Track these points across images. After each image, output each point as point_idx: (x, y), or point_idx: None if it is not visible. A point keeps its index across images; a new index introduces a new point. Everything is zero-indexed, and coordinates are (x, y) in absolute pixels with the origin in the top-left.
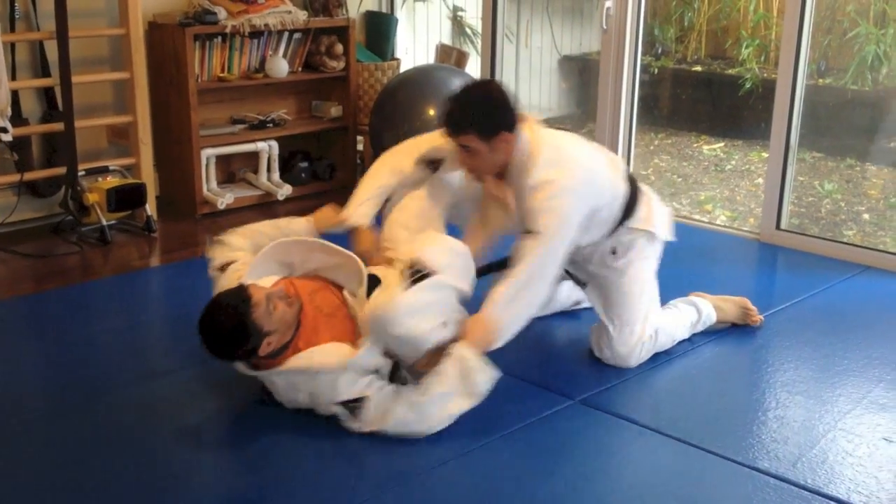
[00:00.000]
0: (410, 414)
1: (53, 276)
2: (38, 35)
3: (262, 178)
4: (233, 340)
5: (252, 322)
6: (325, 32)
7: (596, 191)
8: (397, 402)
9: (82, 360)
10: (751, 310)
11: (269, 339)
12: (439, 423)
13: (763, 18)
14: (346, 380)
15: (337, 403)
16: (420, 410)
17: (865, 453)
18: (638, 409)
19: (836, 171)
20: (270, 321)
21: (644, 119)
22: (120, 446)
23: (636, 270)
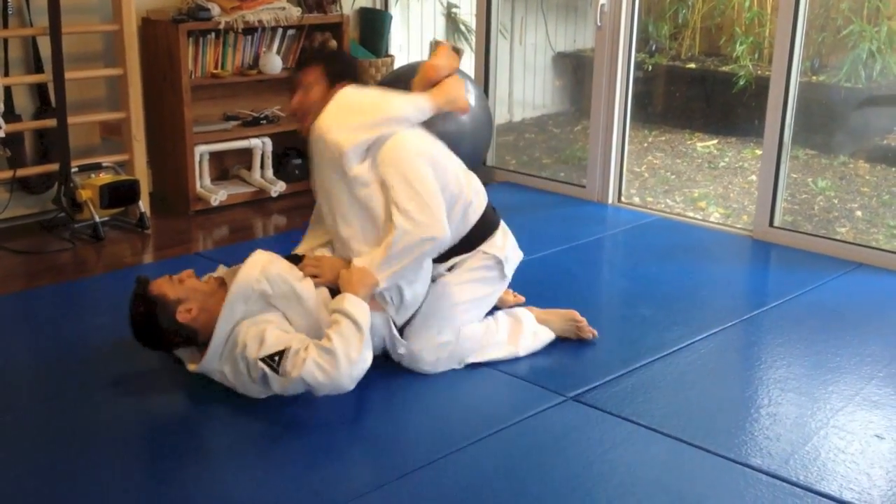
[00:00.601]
0: (328, 358)
1: (46, 272)
2: (31, 31)
3: (255, 174)
4: (146, 316)
5: (152, 292)
6: (318, 29)
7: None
8: (314, 348)
9: (75, 356)
10: (579, 321)
11: (184, 307)
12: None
13: (757, 16)
14: (270, 336)
15: (262, 359)
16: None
17: (858, 450)
18: (631, 405)
19: (829, 168)
20: (176, 290)
21: (638, 116)
22: (113, 443)
23: (462, 289)
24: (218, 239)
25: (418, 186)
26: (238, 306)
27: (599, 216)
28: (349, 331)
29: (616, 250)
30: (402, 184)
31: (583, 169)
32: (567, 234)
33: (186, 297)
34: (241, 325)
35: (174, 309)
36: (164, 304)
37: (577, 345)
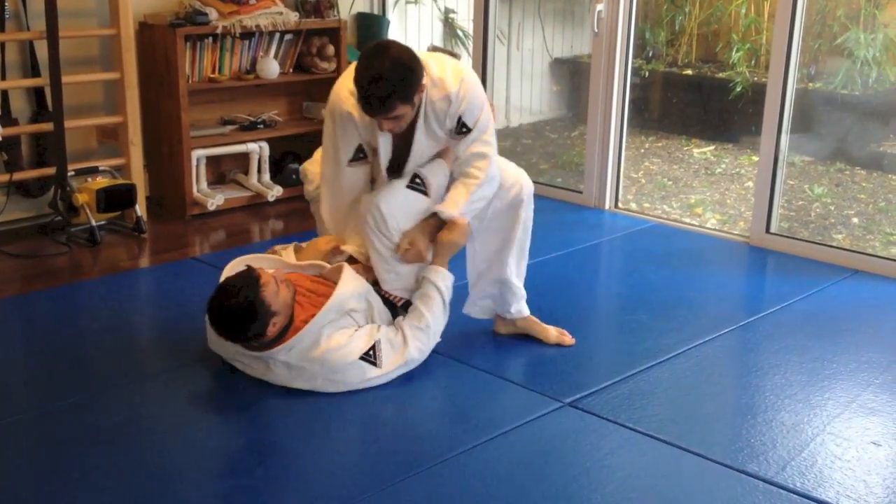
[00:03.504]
0: (423, 337)
1: (42, 276)
2: (29, 35)
3: (252, 179)
4: (244, 320)
5: (261, 301)
6: (316, 34)
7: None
8: (405, 336)
9: (71, 360)
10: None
11: (274, 320)
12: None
13: (754, 22)
14: (355, 337)
15: (361, 357)
16: (426, 332)
17: (854, 457)
18: (627, 412)
19: (825, 174)
20: (277, 301)
21: (635, 122)
22: (109, 447)
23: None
24: (215, 243)
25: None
26: (329, 316)
27: (596, 222)
28: (439, 308)
29: (613, 256)
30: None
31: (580, 174)
32: (564, 240)
33: (279, 311)
34: (324, 332)
35: (268, 322)
36: (264, 315)
37: (574, 351)
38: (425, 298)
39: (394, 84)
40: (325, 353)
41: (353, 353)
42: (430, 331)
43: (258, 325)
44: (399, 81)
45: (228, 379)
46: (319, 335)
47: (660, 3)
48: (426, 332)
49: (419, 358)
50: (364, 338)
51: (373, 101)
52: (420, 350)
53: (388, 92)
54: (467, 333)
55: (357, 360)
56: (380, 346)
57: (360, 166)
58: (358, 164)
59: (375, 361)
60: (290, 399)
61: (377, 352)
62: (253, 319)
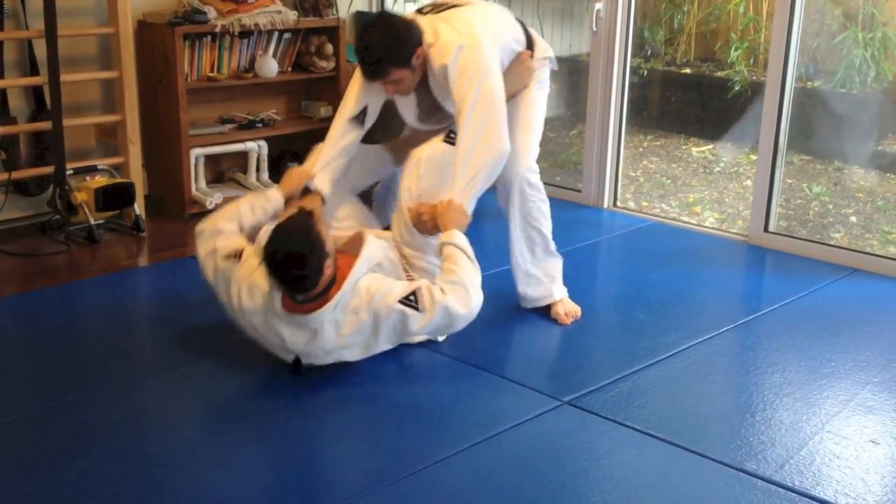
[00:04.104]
0: (459, 290)
1: (41, 275)
2: (27, 34)
3: (251, 177)
4: (307, 255)
5: (319, 236)
6: (315, 32)
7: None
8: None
9: (69, 359)
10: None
11: (328, 262)
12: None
13: (752, 21)
14: (395, 284)
15: (401, 301)
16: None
17: (853, 455)
18: (626, 410)
19: (824, 173)
20: (329, 242)
21: (633, 121)
22: (107, 446)
23: (534, 98)
24: None
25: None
26: (363, 269)
27: (595, 220)
28: (464, 261)
29: (611, 255)
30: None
31: (578, 173)
32: (562, 239)
33: (330, 252)
34: (361, 280)
35: (324, 263)
36: (321, 251)
37: (572, 349)
38: (447, 259)
39: (383, 50)
40: (370, 300)
41: (395, 295)
42: (466, 284)
43: (317, 263)
44: (388, 48)
45: (227, 378)
46: (360, 286)
47: (658, 2)
48: (461, 284)
49: (464, 312)
50: (402, 285)
51: (367, 68)
52: (460, 302)
53: (377, 57)
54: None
55: (398, 304)
56: (420, 292)
57: (354, 128)
58: (354, 125)
59: (417, 306)
60: (286, 399)
61: (419, 297)
62: (315, 255)
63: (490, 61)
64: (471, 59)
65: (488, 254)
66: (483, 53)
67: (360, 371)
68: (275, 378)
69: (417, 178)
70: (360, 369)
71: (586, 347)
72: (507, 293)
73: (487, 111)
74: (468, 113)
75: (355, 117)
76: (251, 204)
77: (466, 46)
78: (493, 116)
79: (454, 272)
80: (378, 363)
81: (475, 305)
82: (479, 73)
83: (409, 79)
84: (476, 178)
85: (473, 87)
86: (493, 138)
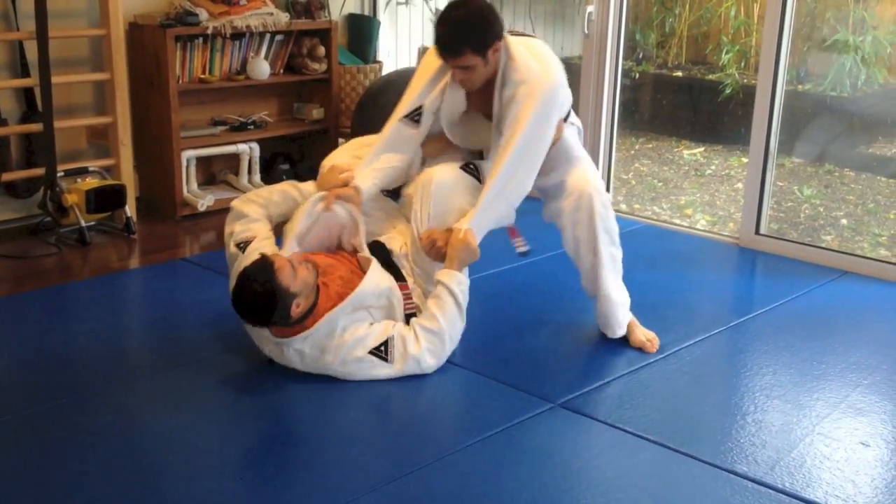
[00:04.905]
0: (435, 341)
1: (31, 277)
2: (18, 35)
3: (242, 179)
4: (266, 305)
5: (279, 285)
6: (307, 35)
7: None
8: (416, 336)
9: (61, 362)
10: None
11: (297, 301)
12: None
13: (743, 25)
14: (370, 331)
15: (368, 353)
16: (439, 337)
17: (843, 457)
18: (617, 412)
19: (814, 176)
20: (296, 283)
21: (625, 123)
22: (99, 448)
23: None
24: (205, 244)
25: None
26: (347, 311)
27: None
28: (452, 312)
29: None
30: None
31: None
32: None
33: (300, 291)
34: (341, 322)
35: (291, 304)
36: (284, 297)
37: (564, 352)
38: (438, 301)
39: (465, 30)
40: (339, 345)
41: (366, 346)
42: (444, 336)
43: (281, 308)
44: (471, 28)
45: (219, 379)
46: (335, 327)
47: (650, 5)
48: (439, 336)
49: (433, 363)
50: (378, 333)
51: (445, 43)
52: (433, 353)
53: (459, 36)
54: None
55: (367, 355)
56: (393, 342)
57: (408, 128)
58: (408, 124)
59: (386, 357)
60: (279, 401)
61: (389, 348)
62: (274, 303)
63: (553, 108)
64: (541, 95)
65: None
66: (554, 97)
67: None
68: (267, 381)
69: (428, 203)
70: None
71: (578, 350)
72: (499, 296)
73: (533, 153)
74: (516, 145)
75: (408, 116)
76: (284, 192)
77: (544, 82)
78: (534, 160)
79: (436, 321)
80: None
81: (446, 356)
82: (540, 112)
83: (480, 71)
84: (499, 213)
85: (531, 122)
86: (526, 179)
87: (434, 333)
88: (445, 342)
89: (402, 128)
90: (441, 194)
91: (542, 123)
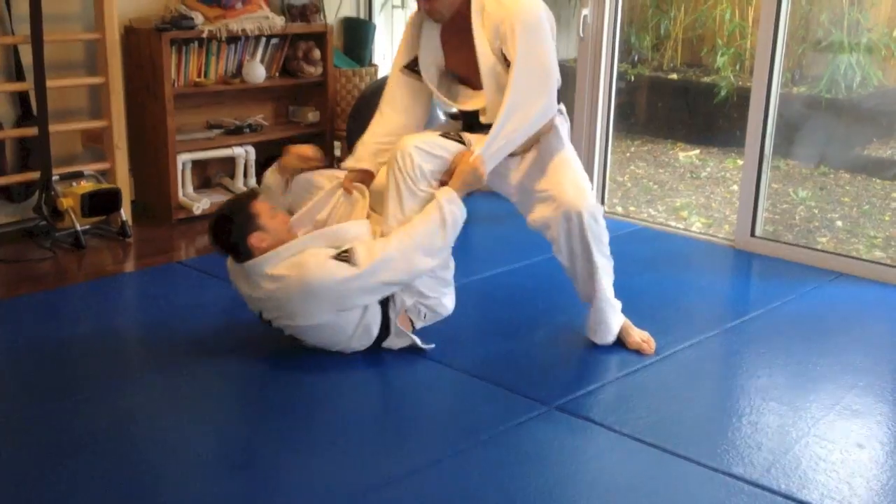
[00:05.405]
0: (409, 244)
1: (27, 281)
2: (13, 39)
3: (238, 183)
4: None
5: (249, 209)
6: (302, 38)
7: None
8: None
9: (56, 365)
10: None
11: (261, 235)
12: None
13: (738, 27)
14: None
15: (331, 258)
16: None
17: (839, 459)
18: (613, 414)
19: (809, 178)
20: (268, 220)
21: (620, 126)
22: (95, 452)
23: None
24: (200, 247)
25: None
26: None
27: None
28: (432, 225)
29: None
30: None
31: None
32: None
33: (265, 227)
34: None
35: (252, 230)
36: (248, 219)
37: (560, 354)
38: (423, 213)
39: None
40: (303, 261)
41: (328, 253)
42: (416, 243)
43: (241, 227)
44: None
45: (215, 383)
46: (304, 249)
47: (645, 8)
48: (412, 243)
49: (403, 268)
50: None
51: None
52: (403, 258)
53: None
54: (452, 336)
55: (328, 260)
56: (356, 248)
57: (412, 77)
58: (410, 74)
59: (349, 259)
60: (274, 404)
61: (353, 253)
62: (234, 221)
63: (546, 23)
64: (533, 14)
65: (477, 258)
66: (542, 13)
67: (345, 378)
68: (263, 384)
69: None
70: (346, 376)
71: (573, 352)
72: (493, 298)
73: (541, 71)
74: (521, 67)
75: (407, 66)
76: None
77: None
78: (548, 72)
79: (413, 228)
80: (363, 369)
81: (417, 268)
82: (539, 31)
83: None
84: (515, 133)
85: (530, 43)
86: (544, 91)
87: (408, 238)
88: (417, 251)
89: (403, 79)
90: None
91: (537, 45)
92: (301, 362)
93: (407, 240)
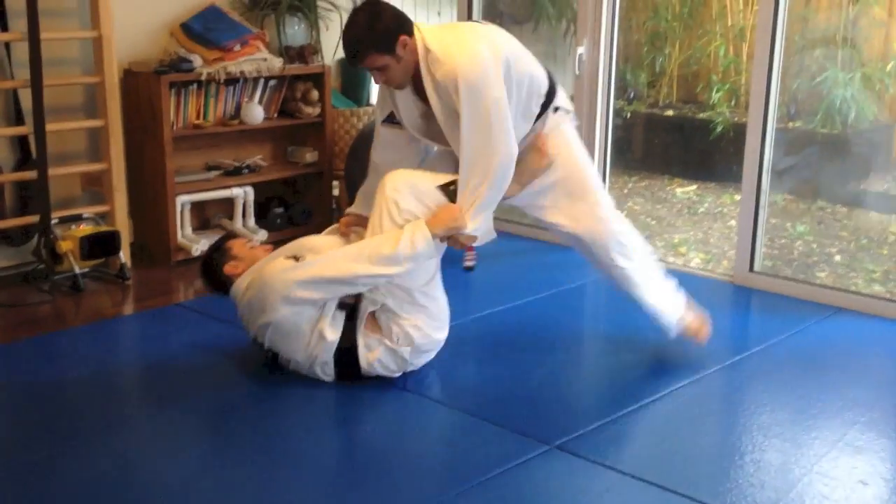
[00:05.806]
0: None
1: (25, 325)
2: (13, 83)
3: (237, 224)
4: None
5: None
6: (300, 79)
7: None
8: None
9: (55, 409)
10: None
11: (234, 263)
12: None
13: (733, 63)
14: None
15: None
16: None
17: (842, 496)
18: (615, 454)
19: (807, 213)
20: (242, 252)
21: (617, 162)
22: (95, 497)
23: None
24: (199, 289)
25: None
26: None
27: (581, 262)
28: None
29: (598, 297)
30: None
31: None
32: (549, 281)
33: (240, 257)
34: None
35: (224, 261)
36: (222, 255)
37: (560, 393)
38: (387, 234)
39: (361, 33)
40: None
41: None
42: (362, 248)
43: (217, 264)
44: (368, 31)
45: (213, 424)
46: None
47: (640, 45)
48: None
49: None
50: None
51: (347, 51)
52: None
53: (356, 40)
54: (451, 376)
55: (282, 260)
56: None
57: (393, 128)
58: (391, 126)
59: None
60: (272, 445)
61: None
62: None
63: (489, 72)
64: (471, 71)
65: (476, 295)
66: (483, 77)
67: (344, 416)
68: (260, 425)
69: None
70: (344, 413)
71: (574, 390)
72: (493, 335)
73: (486, 128)
74: (468, 125)
75: (386, 120)
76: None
77: (466, 67)
78: (496, 125)
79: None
80: (362, 408)
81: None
82: (473, 99)
83: (396, 69)
84: (481, 188)
85: (473, 100)
86: (497, 144)
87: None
88: (361, 255)
89: (385, 130)
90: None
91: (479, 102)
92: (300, 405)
93: (356, 247)
